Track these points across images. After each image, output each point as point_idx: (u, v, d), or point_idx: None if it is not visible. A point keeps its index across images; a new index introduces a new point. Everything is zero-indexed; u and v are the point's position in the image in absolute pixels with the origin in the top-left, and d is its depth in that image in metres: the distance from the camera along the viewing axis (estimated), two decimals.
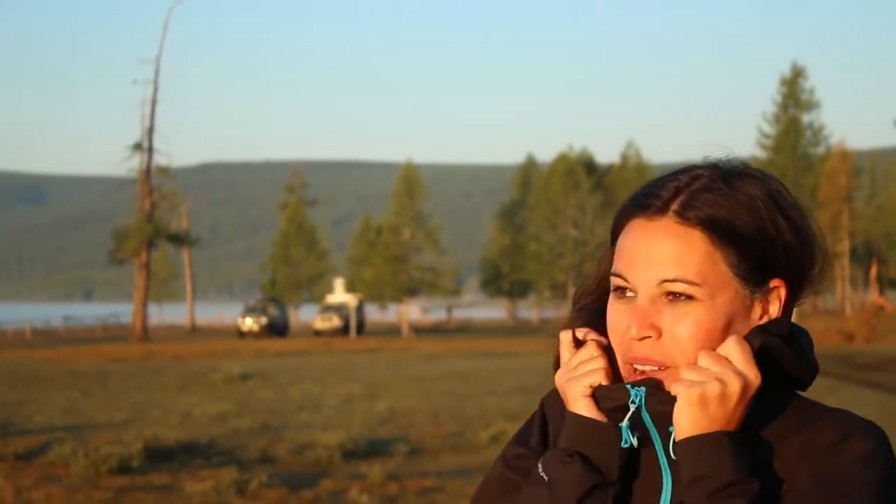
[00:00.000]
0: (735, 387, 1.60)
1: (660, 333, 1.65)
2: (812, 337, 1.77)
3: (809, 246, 1.72)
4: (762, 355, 1.65)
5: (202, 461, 13.78)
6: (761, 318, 1.69)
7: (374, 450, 15.07)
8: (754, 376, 1.62)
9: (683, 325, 1.64)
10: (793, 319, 1.74)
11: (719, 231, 1.66)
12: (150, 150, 63.65)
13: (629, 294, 1.68)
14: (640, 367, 1.67)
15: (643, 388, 1.65)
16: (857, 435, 1.63)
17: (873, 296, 73.48)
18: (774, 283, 1.70)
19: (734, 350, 1.62)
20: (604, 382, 1.68)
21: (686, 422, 1.61)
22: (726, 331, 1.65)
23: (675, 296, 1.65)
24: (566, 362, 1.73)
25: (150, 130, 63.66)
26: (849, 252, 74.69)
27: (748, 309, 1.69)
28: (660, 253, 1.66)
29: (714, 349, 1.64)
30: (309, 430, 17.09)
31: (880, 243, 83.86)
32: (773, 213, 1.69)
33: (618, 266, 1.70)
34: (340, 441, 14.88)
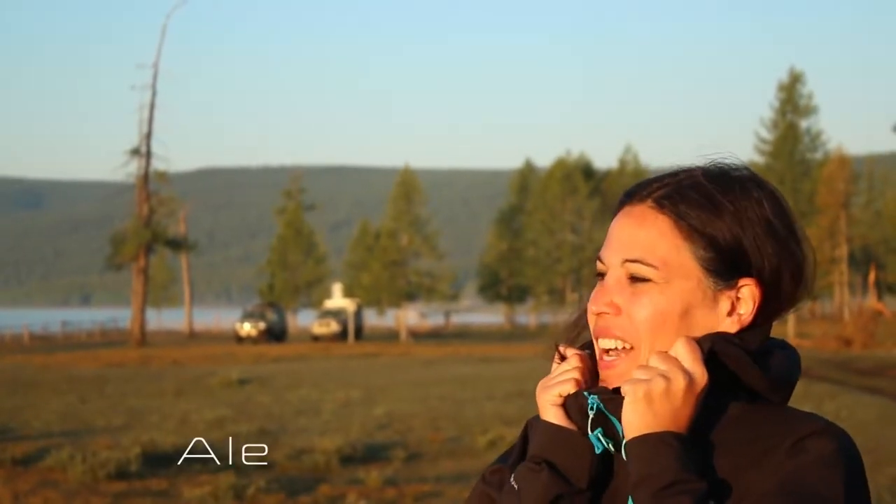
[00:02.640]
0: (680, 383, 1.63)
1: (618, 311, 1.71)
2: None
3: (790, 257, 1.74)
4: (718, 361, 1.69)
5: (200, 466, 13.77)
6: (730, 314, 1.72)
7: (372, 455, 15.07)
8: (700, 375, 1.65)
9: (639, 306, 1.70)
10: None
11: (689, 222, 1.71)
12: (148, 155, 63.63)
13: (604, 274, 1.75)
14: (604, 345, 1.72)
15: (596, 396, 1.70)
16: (820, 437, 1.64)
17: (871, 301, 73.42)
18: (745, 281, 1.72)
19: (682, 350, 1.66)
20: (573, 391, 1.73)
21: (633, 419, 1.64)
22: (684, 317, 1.70)
23: (635, 276, 1.71)
24: (550, 374, 1.78)
25: (149, 135, 63.64)
26: (847, 258, 74.72)
27: (712, 301, 1.72)
28: (628, 235, 1.73)
29: (672, 333, 1.69)
30: (307, 435, 17.09)
31: (878, 249, 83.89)
32: (757, 219, 1.72)
33: (602, 248, 1.77)
34: (338, 446, 14.89)
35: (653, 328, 1.69)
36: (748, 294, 1.72)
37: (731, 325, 1.72)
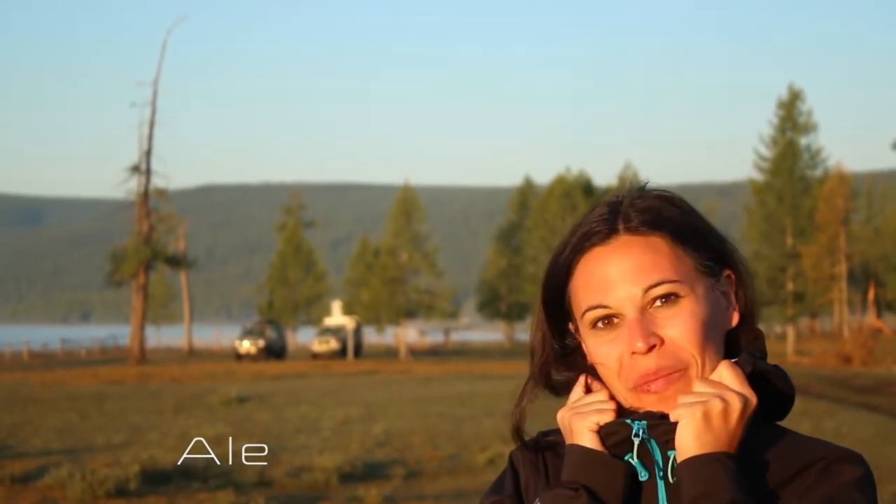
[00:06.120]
0: (737, 404, 1.64)
1: (661, 341, 1.68)
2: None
3: (731, 251, 1.78)
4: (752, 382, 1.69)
5: (199, 484, 13.75)
6: (727, 309, 1.74)
7: (371, 472, 15.05)
8: (751, 396, 1.66)
9: (679, 323, 1.68)
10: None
11: (672, 230, 1.72)
12: (148, 172, 63.63)
13: (615, 320, 1.70)
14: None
15: (644, 422, 1.69)
16: (847, 462, 1.67)
17: (871, 318, 73.43)
18: (727, 271, 1.76)
19: (727, 373, 1.67)
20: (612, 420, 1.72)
21: (689, 439, 1.63)
22: (714, 320, 1.71)
23: (663, 299, 1.69)
24: (574, 401, 1.76)
25: (148, 153, 63.64)
26: (846, 275, 74.64)
27: (718, 299, 1.74)
28: (632, 266, 1.70)
29: (711, 340, 1.69)
30: (306, 452, 17.06)
31: (878, 266, 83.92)
32: (698, 214, 1.77)
33: (592, 299, 1.71)
34: (338, 464, 14.87)
35: (700, 339, 1.68)
36: (728, 282, 1.76)
37: (734, 317, 1.76)
